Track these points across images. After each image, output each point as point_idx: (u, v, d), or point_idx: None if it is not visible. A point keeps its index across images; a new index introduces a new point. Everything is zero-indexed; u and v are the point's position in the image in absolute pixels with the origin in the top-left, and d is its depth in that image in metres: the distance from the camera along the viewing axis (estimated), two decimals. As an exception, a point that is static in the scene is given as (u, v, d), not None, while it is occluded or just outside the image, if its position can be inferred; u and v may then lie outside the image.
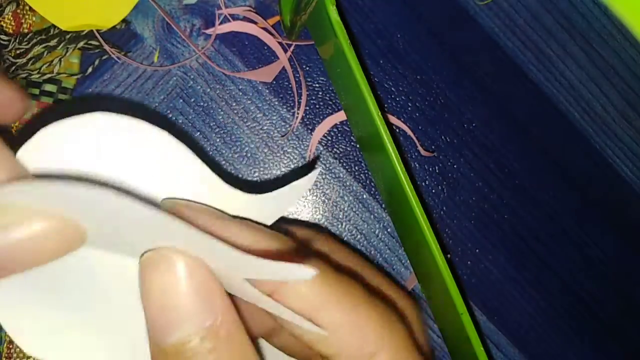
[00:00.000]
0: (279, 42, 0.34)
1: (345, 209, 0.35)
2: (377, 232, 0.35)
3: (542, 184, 0.36)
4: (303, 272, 0.14)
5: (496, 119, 0.36)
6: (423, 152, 0.35)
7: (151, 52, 0.33)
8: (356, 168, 0.35)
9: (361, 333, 0.17)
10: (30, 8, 0.31)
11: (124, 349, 0.17)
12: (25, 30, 0.31)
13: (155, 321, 0.15)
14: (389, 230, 0.35)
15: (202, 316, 0.15)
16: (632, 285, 0.37)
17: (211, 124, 0.34)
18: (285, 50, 0.34)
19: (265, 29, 0.34)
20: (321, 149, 0.34)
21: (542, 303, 0.36)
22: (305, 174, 0.18)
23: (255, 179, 0.34)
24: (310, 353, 0.21)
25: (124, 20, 0.32)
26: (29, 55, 0.30)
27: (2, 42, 0.30)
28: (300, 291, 0.17)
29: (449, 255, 0.35)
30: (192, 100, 0.33)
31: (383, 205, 0.35)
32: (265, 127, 0.34)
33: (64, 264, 0.15)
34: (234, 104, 0.34)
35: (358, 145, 0.35)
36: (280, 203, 0.17)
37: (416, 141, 0.35)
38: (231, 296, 0.16)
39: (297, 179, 0.18)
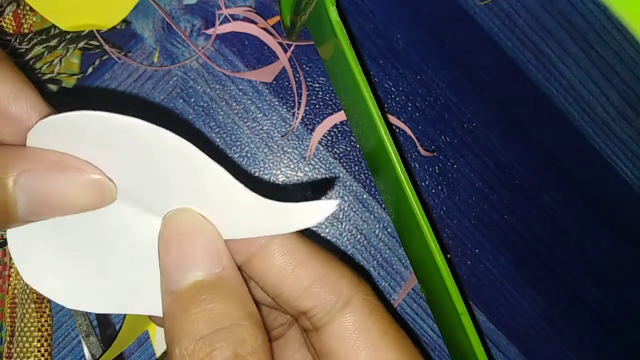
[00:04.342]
0: (279, 42, 0.34)
1: (345, 209, 0.35)
2: (377, 232, 0.35)
3: (542, 184, 0.36)
4: (327, 206, 0.16)
5: (496, 119, 0.36)
6: (423, 152, 0.35)
7: (151, 52, 0.33)
8: (356, 168, 0.35)
9: (337, 283, 0.19)
10: (31, 8, 0.31)
11: (122, 294, 0.19)
12: (26, 31, 0.31)
13: (170, 268, 0.17)
14: (389, 230, 0.35)
15: (212, 264, 0.17)
16: (632, 285, 0.37)
17: (211, 124, 0.34)
18: (285, 51, 0.34)
19: (265, 29, 0.34)
20: (321, 149, 0.35)
21: (542, 303, 0.36)
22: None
23: (255, 179, 0.34)
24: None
25: (124, 21, 0.32)
26: (30, 56, 0.30)
27: (2, 42, 0.30)
28: (280, 251, 0.19)
29: (448, 255, 0.35)
30: (192, 100, 0.34)
31: (383, 205, 0.35)
32: (265, 127, 0.34)
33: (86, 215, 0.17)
34: (234, 104, 0.34)
35: (358, 145, 0.35)
36: (293, 218, 0.17)
37: (416, 141, 0.35)
38: None
39: (297, 179, 0.18)
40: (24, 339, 0.30)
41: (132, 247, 0.18)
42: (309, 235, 0.27)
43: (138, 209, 0.18)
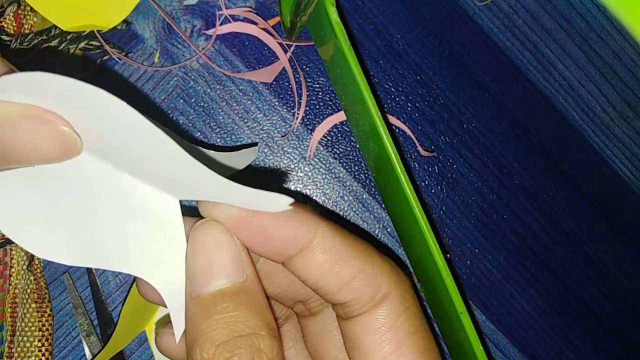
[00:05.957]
0: (279, 43, 0.34)
1: (345, 209, 0.35)
2: (377, 232, 0.35)
3: (541, 184, 0.36)
4: (280, 201, 0.17)
5: (496, 119, 0.36)
6: (423, 152, 0.35)
7: (152, 52, 0.33)
8: (356, 168, 0.35)
9: (375, 280, 0.19)
10: (32, 9, 0.31)
11: (85, 245, 0.19)
12: (27, 31, 0.31)
13: (196, 274, 0.18)
14: (389, 230, 0.35)
15: (236, 273, 0.18)
16: (632, 285, 0.37)
17: (211, 124, 0.34)
18: (286, 51, 0.34)
19: (265, 29, 0.34)
20: (321, 149, 0.35)
21: (542, 303, 0.36)
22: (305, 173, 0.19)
23: (255, 179, 0.34)
24: (290, 296, 0.23)
25: (124, 21, 0.32)
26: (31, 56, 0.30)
27: (3, 42, 0.30)
28: (320, 249, 0.19)
29: (448, 255, 0.35)
30: (193, 100, 0.34)
31: (383, 205, 0.35)
32: (265, 127, 0.34)
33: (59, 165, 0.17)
34: (235, 104, 0.34)
35: (358, 146, 0.35)
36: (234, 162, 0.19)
37: (416, 141, 0.35)
38: None
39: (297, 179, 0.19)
40: (25, 338, 0.30)
41: (103, 201, 0.19)
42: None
43: (108, 164, 0.18)
